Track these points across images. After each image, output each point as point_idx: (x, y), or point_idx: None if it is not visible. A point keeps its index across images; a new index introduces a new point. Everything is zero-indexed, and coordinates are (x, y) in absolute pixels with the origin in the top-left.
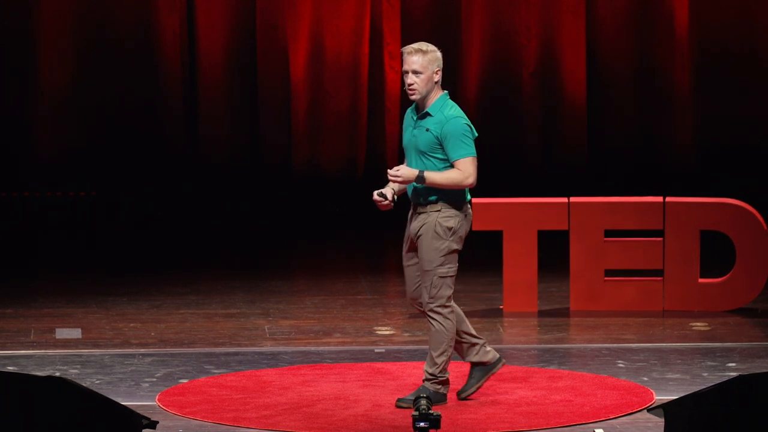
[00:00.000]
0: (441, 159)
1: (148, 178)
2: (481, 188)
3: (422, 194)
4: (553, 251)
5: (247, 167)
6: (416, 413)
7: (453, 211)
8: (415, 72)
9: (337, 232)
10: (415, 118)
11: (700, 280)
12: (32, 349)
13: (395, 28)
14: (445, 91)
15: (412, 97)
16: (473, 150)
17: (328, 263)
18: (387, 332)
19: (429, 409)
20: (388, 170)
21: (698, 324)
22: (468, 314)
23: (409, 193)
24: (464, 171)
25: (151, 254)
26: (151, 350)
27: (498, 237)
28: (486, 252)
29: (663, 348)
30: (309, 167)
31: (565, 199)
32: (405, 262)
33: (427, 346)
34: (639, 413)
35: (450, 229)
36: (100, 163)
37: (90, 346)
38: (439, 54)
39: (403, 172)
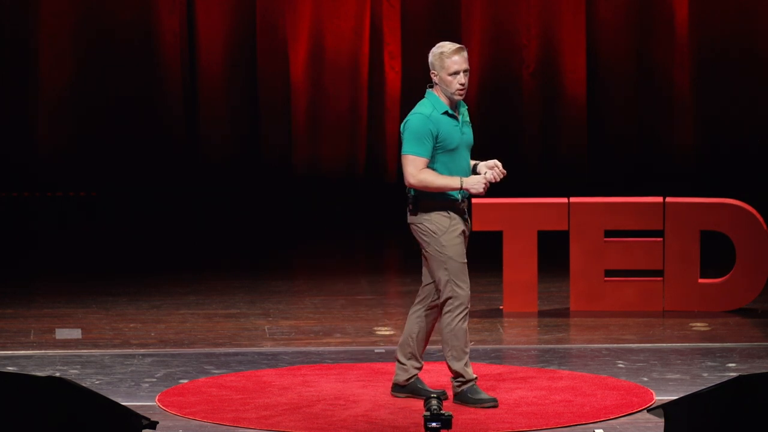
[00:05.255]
0: None
1: (148, 178)
2: None
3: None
4: (553, 251)
5: (247, 167)
6: (427, 413)
7: None
8: (466, 71)
9: (337, 232)
10: (456, 116)
11: (700, 281)
12: (32, 350)
13: (395, 28)
14: None
15: (461, 97)
16: None
17: (328, 263)
18: (387, 332)
19: (440, 409)
20: (499, 170)
21: (698, 324)
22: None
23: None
24: None
25: (151, 254)
26: (151, 350)
27: (498, 237)
28: (486, 252)
29: (663, 348)
30: (309, 167)
31: (565, 200)
32: (465, 259)
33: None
34: (639, 413)
35: None
36: (100, 163)
37: (90, 347)
38: None
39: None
